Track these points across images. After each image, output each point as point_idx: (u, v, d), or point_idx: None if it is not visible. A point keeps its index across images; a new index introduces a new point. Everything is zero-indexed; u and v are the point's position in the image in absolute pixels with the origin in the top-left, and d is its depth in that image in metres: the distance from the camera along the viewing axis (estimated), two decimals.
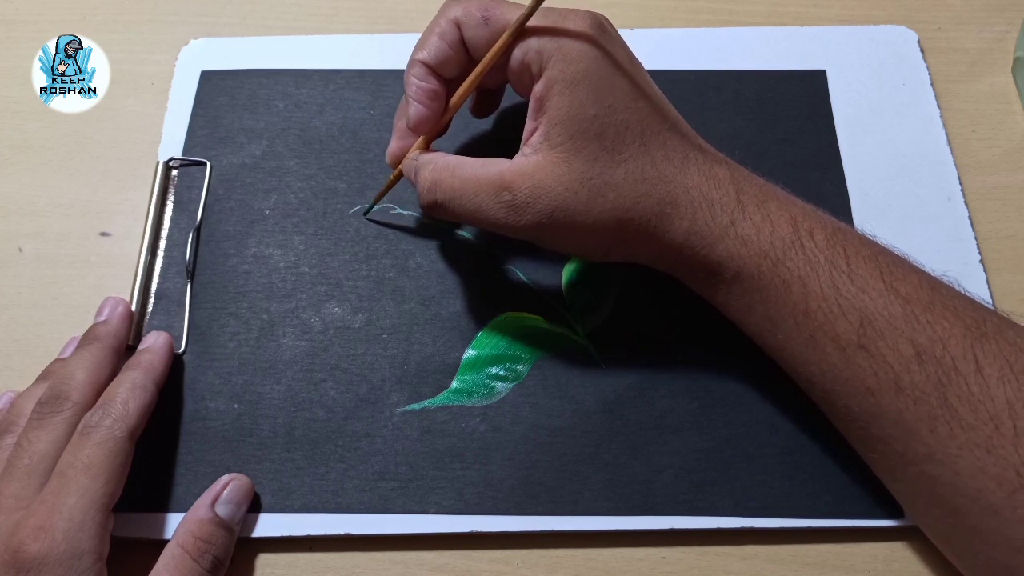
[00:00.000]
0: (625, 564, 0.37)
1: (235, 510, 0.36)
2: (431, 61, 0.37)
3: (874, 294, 0.33)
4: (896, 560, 0.37)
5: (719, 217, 0.35)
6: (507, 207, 0.35)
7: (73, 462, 0.33)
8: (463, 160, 0.36)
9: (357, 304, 0.42)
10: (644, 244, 0.36)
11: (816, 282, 0.33)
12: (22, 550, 0.30)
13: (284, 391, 0.40)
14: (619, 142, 0.34)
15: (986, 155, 0.46)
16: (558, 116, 0.34)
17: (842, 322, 0.33)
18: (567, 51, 0.34)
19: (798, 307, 0.34)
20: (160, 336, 0.39)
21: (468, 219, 0.36)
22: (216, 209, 0.44)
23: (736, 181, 0.35)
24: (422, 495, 0.37)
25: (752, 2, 0.51)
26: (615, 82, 0.35)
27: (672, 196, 0.35)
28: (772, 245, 0.34)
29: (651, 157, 0.35)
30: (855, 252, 0.34)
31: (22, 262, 0.44)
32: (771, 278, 0.34)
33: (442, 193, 0.36)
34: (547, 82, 0.34)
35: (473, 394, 0.39)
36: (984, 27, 0.50)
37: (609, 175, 0.34)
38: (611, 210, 0.34)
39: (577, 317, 0.41)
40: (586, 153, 0.34)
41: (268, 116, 0.47)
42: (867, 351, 0.32)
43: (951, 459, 0.31)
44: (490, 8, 0.36)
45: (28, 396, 0.37)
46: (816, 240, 0.34)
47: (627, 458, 0.38)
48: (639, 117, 0.35)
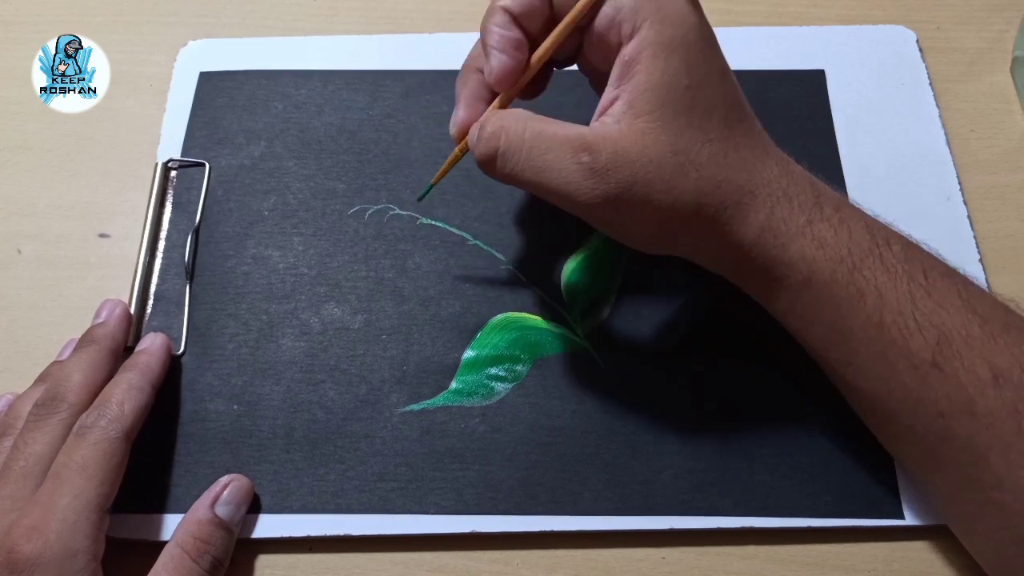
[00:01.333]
0: (625, 564, 0.37)
1: (235, 511, 0.36)
2: (515, 9, 0.33)
3: (952, 311, 0.31)
4: (896, 560, 0.37)
5: (797, 214, 0.32)
6: (585, 170, 0.31)
7: (67, 463, 0.33)
8: (535, 115, 0.33)
9: (356, 305, 0.42)
10: (709, 236, 0.33)
11: (894, 293, 0.32)
12: (16, 550, 0.31)
13: (283, 392, 0.40)
14: (707, 120, 0.32)
15: (985, 155, 0.46)
16: (648, 82, 0.31)
17: (918, 338, 0.31)
18: (665, 12, 0.31)
19: (871, 319, 0.32)
20: (157, 337, 0.39)
21: (531, 178, 0.32)
22: (215, 210, 0.44)
23: (812, 181, 0.34)
24: (422, 496, 0.37)
25: (751, 2, 0.51)
26: (709, 56, 0.32)
27: (752, 185, 0.32)
28: (850, 251, 0.32)
29: (735, 142, 0.32)
30: (931, 267, 0.32)
31: (21, 263, 0.44)
32: (846, 285, 0.32)
33: (507, 141, 0.32)
34: (640, 44, 0.31)
35: (472, 395, 0.39)
36: (983, 27, 0.50)
37: (695, 153, 0.31)
38: (691, 191, 0.31)
39: (577, 317, 0.41)
40: (674, 126, 0.31)
41: (267, 117, 0.47)
42: (941, 371, 0.31)
43: (1022, 488, 0.30)
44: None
45: (26, 398, 0.37)
46: (893, 250, 0.32)
47: (627, 458, 0.38)
48: (726, 99, 0.32)
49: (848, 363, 0.33)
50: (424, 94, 0.47)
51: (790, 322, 0.35)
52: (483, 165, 0.33)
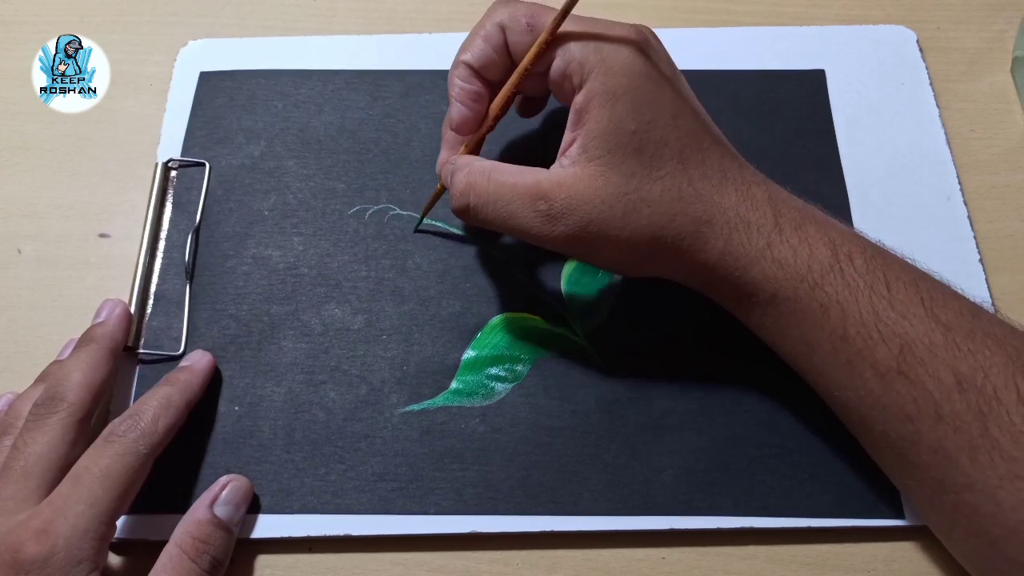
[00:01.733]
0: (625, 564, 0.37)
1: (234, 511, 0.36)
2: (475, 63, 0.36)
3: (915, 320, 0.32)
4: (896, 560, 0.37)
5: (755, 239, 0.34)
6: (542, 216, 0.34)
7: (91, 467, 0.33)
8: (499, 165, 0.36)
9: (357, 305, 0.42)
10: (677, 262, 0.35)
11: (855, 307, 0.33)
12: (22, 551, 0.30)
13: (284, 393, 0.40)
14: (657, 158, 0.34)
15: (985, 155, 0.46)
16: (597, 129, 0.34)
17: (882, 348, 0.32)
18: (610, 64, 0.34)
19: (836, 332, 0.33)
20: (204, 357, 0.39)
21: (500, 225, 0.35)
22: (215, 210, 0.44)
23: (774, 203, 0.35)
24: (422, 496, 0.37)
25: (751, 2, 0.51)
26: (656, 98, 0.34)
27: (708, 215, 0.34)
28: (810, 268, 0.33)
29: (688, 175, 0.34)
30: (895, 277, 0.33)
31: (22, 264, 0.44)
32: (808, 302, 0.33)
33: (476, 197, 0.35)
34: (587, 94, 0.34)
35: (473, 395, 0.39)
36: (983, 27, 0.50)
37: (646, 191, 0.34)
38: (646, 226, 0.34)
39: (577, 318, 0.41)
40: (623, 168, 0.34)
41: (267, 117, 0.47)
42: (907, 378, 0.32)
43: (991, 489, 0.31)
44: (536, 15, 0.35)
45: (26, 398, 0.37)
46: (855, 264, 0.33)
47: (627, 458, 0.38)
48: (679, 135, 0.34)
49: (819, 373, 0.35)
50: (424, 94, 0.47)
51: (764, 335, 0.37)
52: (459, 215, 0.37)
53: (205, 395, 0.39)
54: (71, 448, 0.34)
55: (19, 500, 0.32)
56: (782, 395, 0.39)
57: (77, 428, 0.35)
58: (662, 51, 0.36)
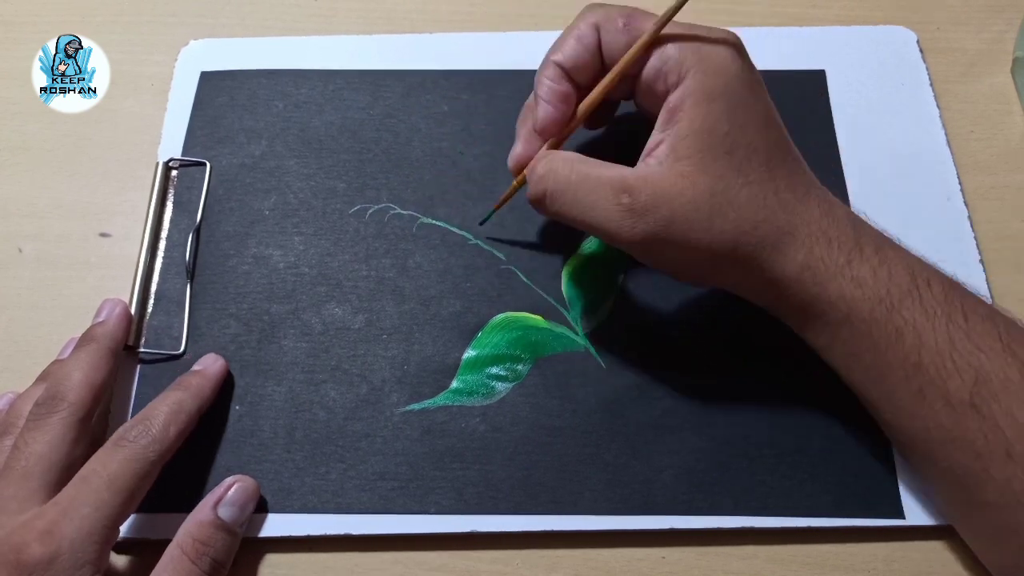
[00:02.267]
0: (625, 564, 0.37)
1: (238, 512, 0.36)
2: (566, 64, 0.36)
3: (991, 354, 0.31)
4: (896, 560, 0.37)
5: (836, 255, 0.33)
6: (624, 210, 0.33)
7: (99, 470, 0.33)
8: (583, 157, 0.35)
9: (357, 304, 0.42)
10: (753, 273, 0.34)
11: (932, 334, 0.32)
12: (26, 551, 0.30)
13: (285, 392, 0.40)
14: (747, 163, 0.33)
15: (985, 155, 0.46)
16: (689, 128, 0.33)
17: (955, 379, 0.32)
18: (708, 63, 0.33)
19: (909, 358, 0.32)
20: (217, 362, 0.39)
21: (576, 216, 0.34)
22: (216, 209, 0.44)
23: (854, 223, 0.35)
24: (422, 495, 0.37)
25: (752, 2, 0.51)
26: (750, 103, 0.34)
27: (791, 226, 0.34)
28: (888, 291, 0.33)
29: (775, 184, 0.34)
30: (972, 309, 0.33)
31: (22, 263, 0.44)
32: (884, 325, 0.33)
33: (555, 183, 0.34)
34: (683, 93, 0.33)
35: (473, 394, 0.39)
36: (983, 27, 0.50)
37: (733, 195, 0.33)
38: (730, 231, 0.33)
39: (577, 317, 0.41)
40: (713, 169, 0.33)
41: (268, 116, 0.47)
42: (979, 412, 0.31)
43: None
44: (632, 16, 0.35)
45: (26, 397, 0.37)
46: (934, 291, 0.33)
47: (627, 458, 0.38)
48: (768, 143, 0.34)
49: (886, 400, 0.34)
50: (425, 94, 0.47)
51: (830, 358, 0.36)
52: (534, 204, 0.36)
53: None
54: (72, 447, 0.34)
55: (21, 500, 0.32)
56: (782, 395, 0.39)
57: (78, 427, 0.35)
58: (751, 61, 0.35)
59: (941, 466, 0.33)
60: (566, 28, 0.37)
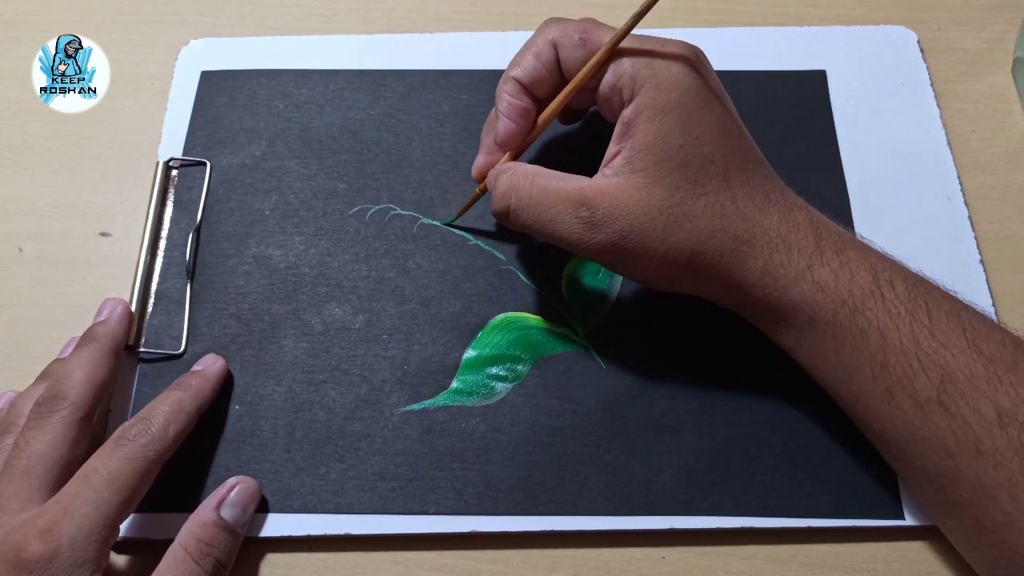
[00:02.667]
0: (625, 564, 0.37)
1: (240, 513, 0.36)
2: (524, 79, 0.37)
3: (956, 351, 0.32)
4: (896, 560, 0.37)
5: (795, 260, 0.34)
6: (583, 223, 0.34)
7: (99, 469, 0.33)
8: (542, 170, 0.36)
9: (357, 305, 0.42)
10: (714, 280, 0.35)
11: (896, 334, 0.32)
12: (26, 549, 0.30)
13: (285, 392, 0.40)
14: (703, 174, 0.34)
15: (986, 155, 0.46)
16: (644, 142, 0.34)
17: (922, 378, 0.32)
18: (661, 79, 0.34)
19: (875, 358, 0.33)
20: (217, 362, 0.39)
21: (539, 229, 0.35)
22: (216, 209, 0.44)
23: (815, 226, 0.35)
24: (422, 495, 0.37)
25: (752, 2, 0.51)
26: (704, 115, 0.34)
27: (749, 234, 0.34)
28: (851, 293, 0.33)
29: (732, 193, 0.34)
30: (936, 306, 0.33)
31: (22, 262, 0.44)
32: (848, 326, 0.33)
33: (517, 200, 0.35)
34: (636, 108, 0.34)
35: (473, 394, 0.39)
36: (984, 27, 0.50)
37: (688, 206, 0.34)
38: (686, 241, 0.34)
39: (577, 317, 0.41)
40: (668, 181, 0.34)
41: (268, 116, 0.47)
42: (947, 410, 0.31)
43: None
44: (589, 30, 0.36)
45: (27, 396, 0.37)
46: (897, 291, 0.33)
47: (627, 458, 0.38)
48: (724, 152, 0.34)
49: (856, 401, 0.34)
50: (425, 93, 0.47)
51: (800, 359, 0.36)
52: (499, 217, 0.37)
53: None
54: (73, 447, 0.34)
55: (22, 499, 0.32)
56: (782, 395, 0.39)
57: (79, 426, 0.35)
58: (711, 72, 0.36)
59: (914, 465, 0.33)
60: (525, 43, 0.38)
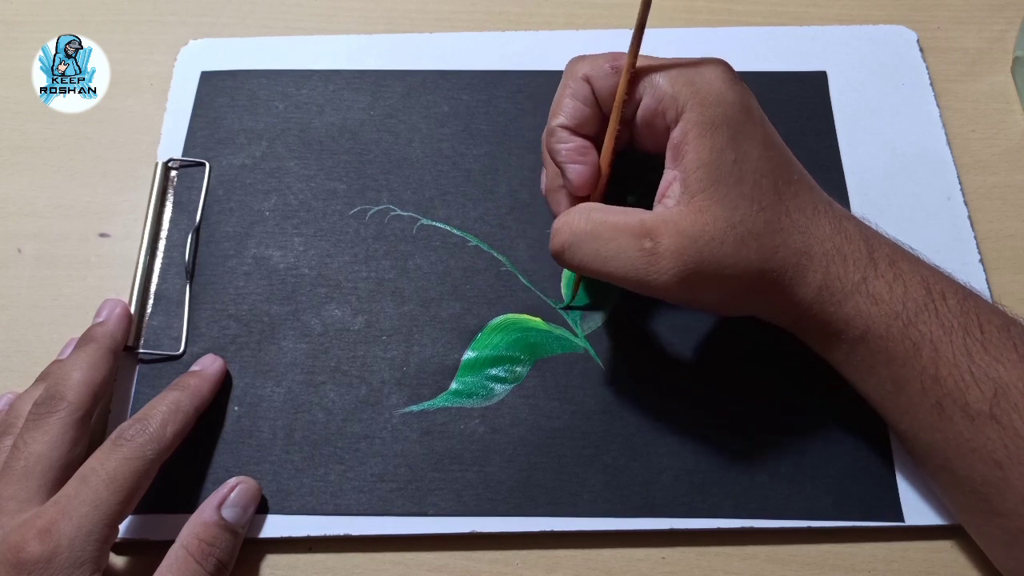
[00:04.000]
0: (625, 564, 0.37)
1: (241, 513, 0.36)
2: (570, 123, 0.36)
3: (1008, 365, 0.31)
4: (896, 560, 0.37)
5: (851, 272, 0.33)
6: (647, 255, 0.32)
7: (98, 469, 0.33)
8: (598, 205, 0.35)
9: (357, 306, 0.42)
10: (777, 296, 0.34)
11: (949, 347, 0.32)
12: (25, 550, 0.30)
13: (284, 393, 0.40)
14: (756, 189, 0.33)
15: (985, 155, 0.46)
16: (697, 160, 0.33)
17: (974, 391, 0.32)
18: (704, 95, 0.33)
19: (927, 372, 0.32)
20: (215, 363, 0.39)
21: (598, 268, 0.33)
22: (216, 210, 0.44)
23: (866, 237, 0.34)
24: (421, 497, 0.37)
25: (752, 2, 0.51)
26: (749, 129, 0.34)
27: (807, 247, 0.33)
28: (904, 306, 0.33)
29: (785, 206, 0.34)
30: (988, 320, 0.33)
31: (22, 263, 0.44)
32: (900, 339, 0.33)
33: (571, 234, 0.34)
34: (684, 126, 0.33)
35: (472, 396, 0.39)
36: (984, 27, 0.50)
37: (751, 223, 0.33)
38: (755, 260, 0.33)
39: (577, 318, 0.41)
40: (727, 200, 0.33)
41: (268, 117, 0.47)
42: (999, 423, 0.31)
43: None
44: (617, 58, 0.35)
45: (26, 397, 0.37)
46: (949, 304, 0.33)
47: (626, 460, 0.38)
48: (772, 166, 0.34)
49: (905, 413, 0.34)
50: (425, 94, 0.47)
51: (847, 372, 0.36)
52: (556, 258, 0.35)
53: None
54: (71, 447, 0.34)
55: (20, 500, 0.32)
56: (782, 397, 0.39)
57: (77, 427, 0.35)
58: (746, 87, 0.35)
59: (959, 475, 0.33)
60: (558, 89, 0.37)
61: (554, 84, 0.37)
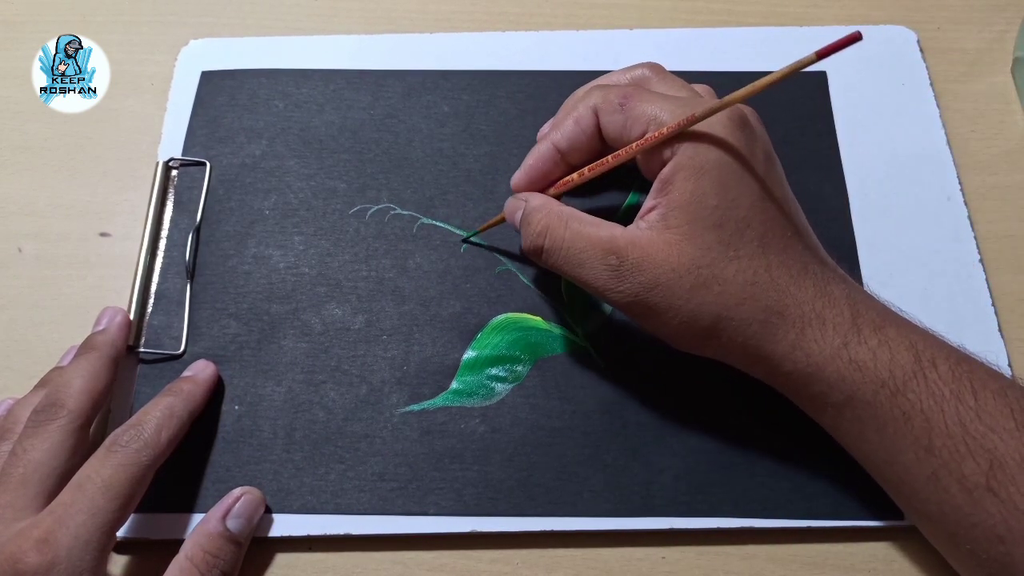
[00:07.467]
0: (625, 564, 0.37)
1: (245, 524, 0.36)
2: (563, 146, 0.37)
3: (1004, 434, 0.31)
4: (896, 560, 0.37)
5: (830, 337, 0.33)
6: (611, 271, 0.34)
7: (93, 477, 0.33)
8: (576, 213, 0.36)
9: (357, 305, 0.42)
10: (739, 348, 0.34)
11: (941, 417, 0.31)
12: (23, 560, 0.30)
13: (284, 393, 0.40)
14: (736, 237, 0.33)
15: (985, 155, 0.46)
16: (679, 201, 0.33)
17: (970, 463, 0.31)
18: (699, 138, 0.34)
19: (920, 442, 0.32)
20: (208, 368, 0.39)
21: (568, 272, 0.35)
22: (216, 209, 0.44)
23: (852, 302, 0.34)
24: (421, 496, 0.37)
25: (752, 2, 0.51)
26: (743, 178, 0.34)
27: (781, 306, 0.33)
28: (891, 373, 0.32)
29: (767, 261, 0.33)
30: (982, 385, 0.32)
31: (22, 263, 0.44)
32: (889, 408, 0.32)
33: (551, 242, 0.35)
34: (675, 166, 0.34)
35: (473, 395, 0.39)
36: (983, 27, 0.50)
37: (719, 268, 0.33)
38: (711, 304, 0.33)
39: (577, 318, 0.41)
40: (700, 241, 0.33)
41: (268, 116, 0.47)
42: (997, 496, 0.30)
43: None
44: (629, 96, 0.35)
45: (25, 403, 0.36)
46: (940, 371, 0.32)
47: (626, 459, 0.38)
48: (763, 218, 0.34)
49: (900, 482, 0.33)
50: (425, 94, 0.47)
51: (839, 438, 0.35)
52: (530, 255, 0.37)
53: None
54: (70, 456, 0.34)
55: (18, 508, 0.32)
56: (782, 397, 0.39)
57: (77, 436, 0.34)
58: (761, 135, 0.35)
59: (963, 549, 0.32)
60: (566, 106, 0.38)
61: (554, 84, 0.38)
